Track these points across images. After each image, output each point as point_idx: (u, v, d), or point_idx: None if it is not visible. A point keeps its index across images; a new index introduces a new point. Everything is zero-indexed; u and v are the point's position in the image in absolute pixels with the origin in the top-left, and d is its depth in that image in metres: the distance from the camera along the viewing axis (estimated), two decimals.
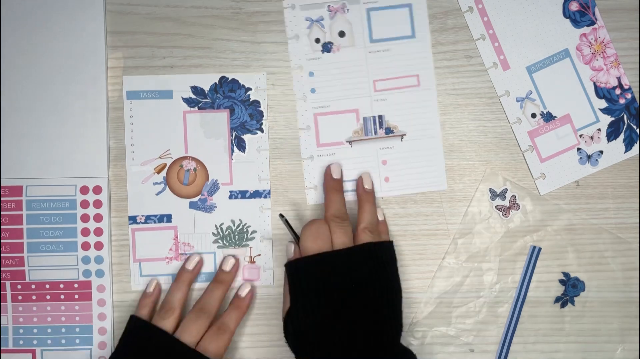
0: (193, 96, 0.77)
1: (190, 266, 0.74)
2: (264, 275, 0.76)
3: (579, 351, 0.75)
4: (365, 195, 0.73)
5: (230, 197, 0.77)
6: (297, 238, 0.71)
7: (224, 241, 0.77)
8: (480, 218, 0.76)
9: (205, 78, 0.77)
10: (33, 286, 0.75)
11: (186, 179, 0.77)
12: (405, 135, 0.76)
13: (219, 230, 0.77)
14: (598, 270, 0.76)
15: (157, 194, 0.77)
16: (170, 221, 0.77)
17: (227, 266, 0.74)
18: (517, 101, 0.76)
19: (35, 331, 0.75)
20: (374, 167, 0.77)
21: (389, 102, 0.76)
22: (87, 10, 0.76)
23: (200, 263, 0.75)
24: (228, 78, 0.77)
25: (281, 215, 0.71)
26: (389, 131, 0.76)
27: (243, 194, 0.77)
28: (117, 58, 0.77)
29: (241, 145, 0.77)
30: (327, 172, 0.74)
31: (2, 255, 0.74)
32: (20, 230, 0.75)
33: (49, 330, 0.75)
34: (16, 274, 0.75)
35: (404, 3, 0.77)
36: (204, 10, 0.77)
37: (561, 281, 0.76)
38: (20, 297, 0.75)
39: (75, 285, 0.75)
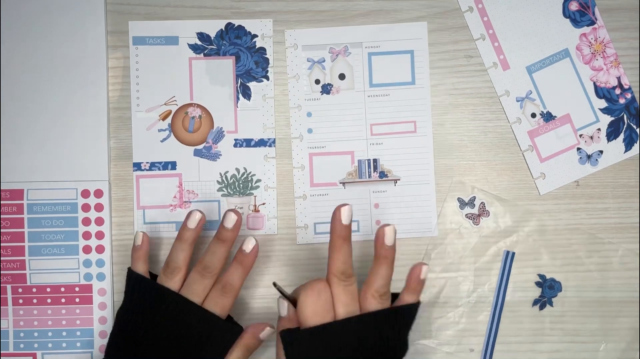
0: (199, 42, 0.77)
1: (192, 224, 0.68)
2: (268, 223, 0.77)
3: (561, 352, 0.76)
4: (384, 252, 0.62)
5: (235, 145, 0.77)
6: (293, 301, 0.65)
7: (229, 190, 0.77)
8: (451, 228, 0.76)
9: (211, 24, 0.77)
10: (34, 290, 0.75)
11: (191, 126, 0.77)
12: (399, 179, 0.77)
13: (224, 178, 0.77)
14: (573, 269, 0.76)
15: (161, 141, 0.77)
16: (175, 169, 0.77)
17: (229, 224, 0.67)
18: (517, 101, 0.76)
19: (36, 334, 0.75)
20: (366, 209, 0.77)
21: (385, 146, 0.77)
22: (88, 11, 0.76)
23: (201, 221, 0.68)
24: (234, 24, 0.77)
25: (275, 284, 0.65)
26: (382, 175, 0.76)
27: (248, 142, 0.77)
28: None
29: (246, 93, 0.77)
30: (336, 216, 0.62)
31: (3, 258, 0.74)
32: (22, 234, 0.75)
33: (50, 334, 0.75)
34: (17, 277, 0.75)
35: (405, 49, 0.77)
36: (204, 10, 0.77)
37: (537, 283, 0.76)
38: (21, 301, 0.75)
39: (77, 289, 0.75)
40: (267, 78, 0.77)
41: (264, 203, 0.77)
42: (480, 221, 0.76)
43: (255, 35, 0.77)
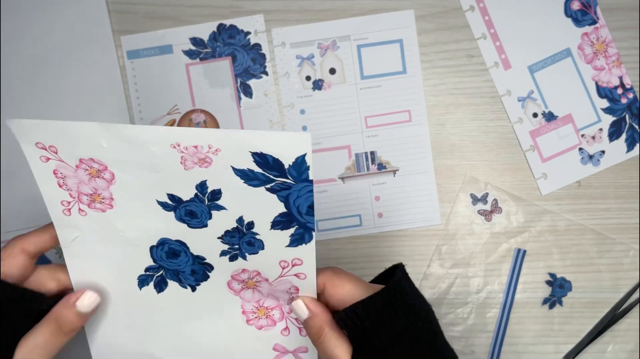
0: (193, 47, 0.76)
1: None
2: None
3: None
4: None
5: None
6: None
7: None
8: (462, 223, 0.76)
9: (203, 28, 0.76)
10: None
11: None
12: (397, 170, 0.76)
13: None
14: (584, 269, 0.76)
15: None
16: None
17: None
18: (519, 100, 0.76)
19: None
20: (367, 203, 0.76)
21: (381, 137, 0.76)
22: (92, 14, 0.76)
23: None
24: (226, 25, 0.76)
25: None
26: (381, 167, 0.76)
27: None
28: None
29: (247, 91, 0.77)
30: None
31: None
32: None
33: None
34: None
35: (394, 39, 0.76)
36: (204, 10, 0.76)
37: (548, 282, 0.76)
38: None
39: None
40: (266, 74, 0.77)
41: None
42: (492, 217, 0.76)
43: (249, 32, 0.76)
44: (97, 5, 0.76)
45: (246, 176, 0.52)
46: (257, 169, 0.51)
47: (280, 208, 0.53)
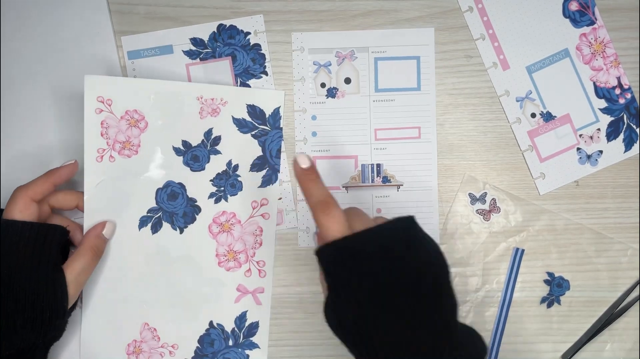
0: (193, 48, 0.76)
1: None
2: (287, 217, 0.77)
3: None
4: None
5: None
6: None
7: None
8: (461, 223, 0.76)
9: (203, 28, 0.77)
10: None
11: None
12: (402, 185, 0.76)
13: None
14: (582, 268, 0.76)
15: None
16: None
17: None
18: (517, 101, 0.76)
19: None
20: (368, 214, 0.73)
21: (389, 151, 0.76)
22: (93, 15, 0.77)
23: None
24: (226, 25, 0.77)
25: None
26: (386, 180, 0.76)
27: None
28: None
29: None
30: (295, 165, 0.58)
31: None
32: None
33: None
34: None
35: (412, 55, 0.76)
36: (204, 10, 0.77)
37: (546, 281, 0.76)
38: None
39: None
40: (266, 74, 0.77)
41: (280, 198, 0.76)
42: (491, 217, 0.76)
43: (248, 33, 0.77)
44: (98, 5, 0.76)
45: (240, 124, 0.75)
46: (248, 118, 0.75)
47: (258, 151, 0.75)
